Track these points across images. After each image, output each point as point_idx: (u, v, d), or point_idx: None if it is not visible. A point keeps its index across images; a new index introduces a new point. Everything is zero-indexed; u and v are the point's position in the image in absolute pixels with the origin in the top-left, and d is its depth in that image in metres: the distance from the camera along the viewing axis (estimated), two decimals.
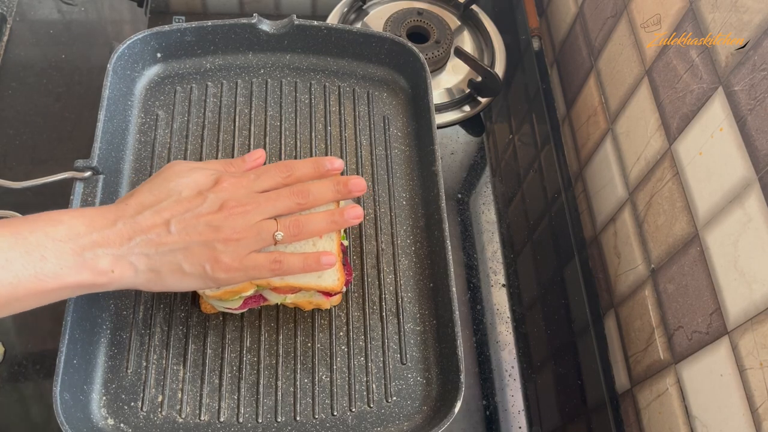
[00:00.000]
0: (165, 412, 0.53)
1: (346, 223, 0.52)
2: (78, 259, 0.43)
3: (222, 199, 0.48)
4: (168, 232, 0.46)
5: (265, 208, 0.49)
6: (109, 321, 0.56)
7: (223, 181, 0.49)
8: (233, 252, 0.47)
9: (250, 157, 0.54)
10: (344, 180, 0.52)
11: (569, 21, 0.83)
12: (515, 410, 0.64)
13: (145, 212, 0.47)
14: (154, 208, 0.47)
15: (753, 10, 0.50)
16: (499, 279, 0.70)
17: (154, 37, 0.64)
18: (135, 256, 0.46)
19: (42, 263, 0.42)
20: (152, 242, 0.46)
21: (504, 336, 0.67)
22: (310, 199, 0.51)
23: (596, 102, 0.76)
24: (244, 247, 0.48)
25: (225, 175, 0.50)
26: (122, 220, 0.46)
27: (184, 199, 0.48)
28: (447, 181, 0.74)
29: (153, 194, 0.48)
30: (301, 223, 0.50)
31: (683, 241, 0.59)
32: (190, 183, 0.49)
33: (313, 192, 0.51)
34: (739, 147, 0.51)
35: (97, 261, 0.44)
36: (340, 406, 0.55)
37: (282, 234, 0.49)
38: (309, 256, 0.50)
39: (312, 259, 0.50)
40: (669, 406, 0.60)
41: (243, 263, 0.48)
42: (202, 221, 0.47)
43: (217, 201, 0.48)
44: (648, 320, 0.64)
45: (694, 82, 0.57)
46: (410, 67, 0.68)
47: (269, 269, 0.49)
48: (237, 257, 0.48)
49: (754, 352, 0.49)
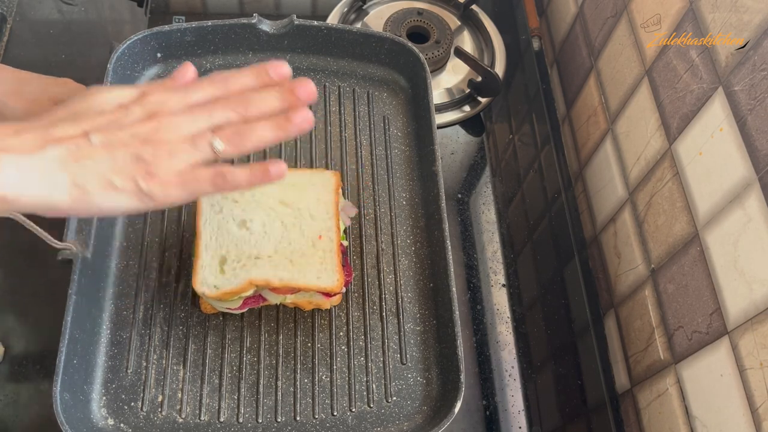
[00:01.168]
0: (165, 412, 0.53)
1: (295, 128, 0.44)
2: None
3: (148, 111, 0.42)
4: (88, 142, 0.40)
5: (198, 118, 0.43)
6: (109, 321, 0.56)
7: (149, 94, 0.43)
8: (168, 165, 0.41)
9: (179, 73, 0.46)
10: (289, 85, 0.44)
11: (569, 21, 0.83)
12: (515, 410, 0.64)
13: (58, 124, 0.40)
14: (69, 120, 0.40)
15: (753, 10, 0.50)
16: (499, 279, 0.70)
17: (154, 37, 0.64)
18: (50, 164, 0.38)
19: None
20: (71, 153, 0.39)
21: (504, 336, 0.67)
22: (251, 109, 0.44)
23: (596, 102, 0.76)
24: (180, 159, 0.42)
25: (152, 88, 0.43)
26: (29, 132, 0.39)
27: (105, 112, 0.41)
28: (447, 181, 0.74)
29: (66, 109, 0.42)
30: (243, 131, 0.43)
31: (683, 241, 0.59)
32: (110, 98, 0.42)
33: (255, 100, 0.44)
34: (739, 147, 0.51)
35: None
36: (340, 406, 0.55)
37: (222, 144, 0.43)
38: (255, 166, 0.44)
39: (259, 169, 0.44)
40: (669, 406, 0.60)
41: (182, 177, 0.42)
42: (128, 132, 0.41)
43: (143, 112, 0.42)
44: (648, 320, 0.64)
45: (694, 82, 0.57)
46: (410, 67, 0.68)
47: (211, 183, 0.43)
48: (172, 170, 0.42)
49: (754, 352, 0.49)
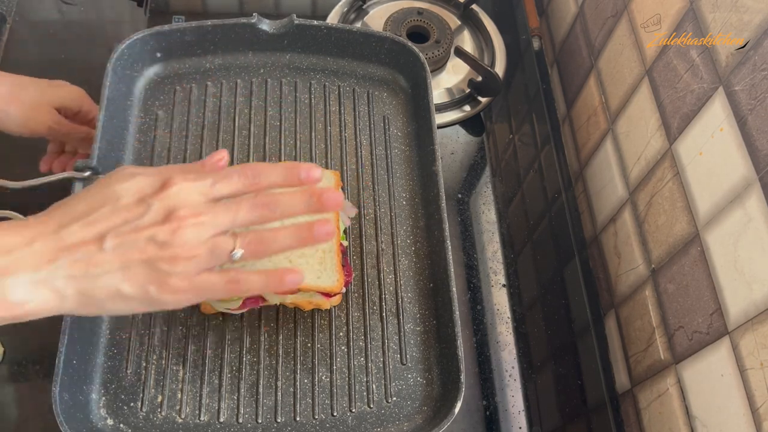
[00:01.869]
0: (165, 412, 0.53)
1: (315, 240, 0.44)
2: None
3: (168, 207, 0.40)
4: (101, 249, 0.39)
5: (221, 220, 0.41)
6: (109, 321, 0.56)
7: (171, 185, 0.41)
8: (182, 272, 0.40)
9: (210, 159, 0.44)
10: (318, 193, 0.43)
11: (569, 21, 0.83)
12: (515, 410, 0.64)
13: (72, 225, 0.39)
14: (84, 220, 0.39)
15: (753, 10, 0.50)
16: (500, 279, 0.70)
17: (154, 37, 0.64)
18: (60, 280, 0.38)
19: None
20: (80, 263, 0.38)
21: (504, 336, 0.67)
22: (278, 212, 0.43)
23: (596, 102, 0.76)
24: (195, 265, 0.40)
25: (175, 178, 0.41)
26: (42, 239, 0.38)
27: (122, 208, 0.40)
28: (447, 181, 0.74)
29: (85, 202, 0.40)
30: (266, 240, 0.42)
31: (683, 241, 0.58)
32: (131, 187, 0.41)
33: (282, 203, 0.43)
34: (740, 147, 0.51)
35: (6, 292, 0.37)
36: (340, 407, 0.55)
37: (241, 252, 0.42)
38: (271, 275, 0.43)
39: (274, 277, 0.43)
40: (669, 406, 0.60)
41: (193, 283, 0.41)
42: (144, 235, 0.39)
43: (163, 209, 0.40)
44: (648, 320, 0.64)
45: (695, 82, 0.57)
46: (410, 66, 0.68)
47: (224, 290, 0.42)
48: (186, 277, 0.40)
49: (755, 352, 0.49)
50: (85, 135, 0.65)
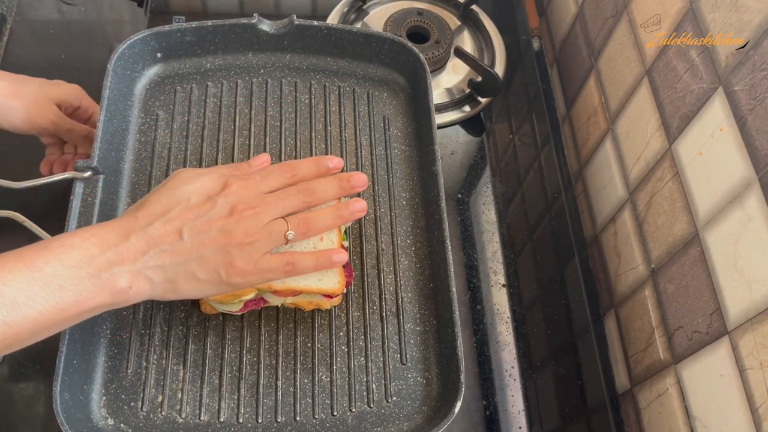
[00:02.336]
0: (165, 412, 0.53)
1: (352, 216, 0.53)
2: (96, 282, 0.43)
3: (231, 202, 0.48)
4: (181, 240, 0.46)
5: (274, 208, 0.50)
6: (109, 321, 0.56)
7: (230, 185, 0.49)
8: (247, 255, 0.48)
9: (256, 161, 0.55)
10: (347, 176, 0.53)
11: (569, 21, 0.83)
12: (515, 410, 0.64)
13: (155, 222, 0.46)
14: (164, 218, 0.47)
15: (753, 10, 0.50)
16: (499, 279, 0.70)
17: (154, 37, 0.64)
18: (150, 269, 0.46)
19: (61, 293, 0.42)
20: (166, 253, 0.46)
21: (504, 336, 0.67)
22: (316, 197, 0.52)
23: (596, 102, 0.76)
24: (258, 249, 0.48)
25: (232, 179, 0.50)
26: (134, 234, 0.46)
27: (193, 206, 0.48)
28: (447, 181, 0.74)
29: (161, 203, 0.48)
30: (310, 220, 0.51)
31: (683, 241, 0.59)
32: (198, 189, 0.49)
33: (319, 189, 0.52)
34: (739, 147, 0.51)
35: (114, 280, 0.44)
36: (340, 407, 0.55)
37: (293, 233, 0.49)
38: (321, 255, 0.51)
39: (324, 257, 0.51)
40: (669, 406, 0.60)
41: (257, 266, 0.48)
42: (215, 227, 0.47)
43: (227, 205, 0.48)
44: (648, 320, 0.64)
45: (694, 82, 0.57)
46: (410, 67, 0.68)
47: (283, 270, 0.49)
48: (251, 260, 0.48)
49: (754, 352, 0.49)
50: (87, 133, 0.67)
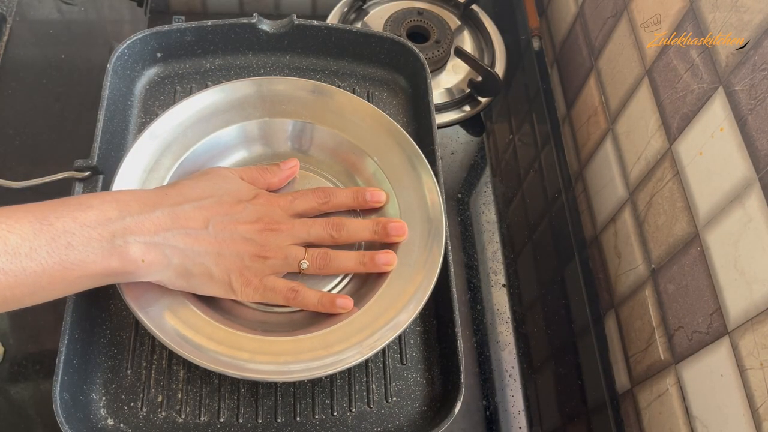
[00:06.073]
0: (165, 412, 0.53)
1: (374, 269, 0.50)
2: (106, 246, 0.41)
3: (259, 213, 0.48)
4: (206, 230, 0.46)
5: (298, 233, 0.49)
6: (109, 321, 0.56)
7: (261, 197, 0.49)
8: (258, 269, 0.47)
9: (285, 165, 0.54)
10: (384, 223, 0.51)
11: (569, 21, 0.83)
12: (515, 410, 0.64)
13: (185, 204, 0.46)
14: (196, 203, 0.46)
15: (753, 10, 0.50)
16: (499, 279, 0.70)
17: (154, 37, 0.64)
18: (170, 248, 0.44)
19: (67, 250, 0.40)
20: (189, 237, 0.45)
21: (504, 336, 0.67)
22: (344, 235, 0.50)
23: (596, 102, 0.76)
24: (269, 266, 0.48)
25: (264, 193, 0.50)
26: (162, 208, 0.44)
27: (225, 203, 0.47)
28: (447, 181, 0.74)
29: (195, 190, 0.47)
30: (330, 257, 0.49)
31: (683, 241, 0.58)
32: (232, 190, 0.49)
33: (349, 228, 0.50)
34: (740, 147, 0.51)
35: (127, 248, 0.42)
36: (340, 407, 0.55)
37: (308, 264, 0.49)
38: (325, 297, 0.50)
39: (327, 300, 0.49)
40: (669, 406, 0.60)
41: (262, 282, 0.48)
42: (239, 230, 0.47)
43: (255, 213, 0.48)
44: (648, 320, 0.64)
45: (695, 82, 0.57)
46: (410, 67, 0.68)
47: (284, 296, 0.48)
48: (259, 274, 0.47)
49: (755, 353, 0.49)
50: None
